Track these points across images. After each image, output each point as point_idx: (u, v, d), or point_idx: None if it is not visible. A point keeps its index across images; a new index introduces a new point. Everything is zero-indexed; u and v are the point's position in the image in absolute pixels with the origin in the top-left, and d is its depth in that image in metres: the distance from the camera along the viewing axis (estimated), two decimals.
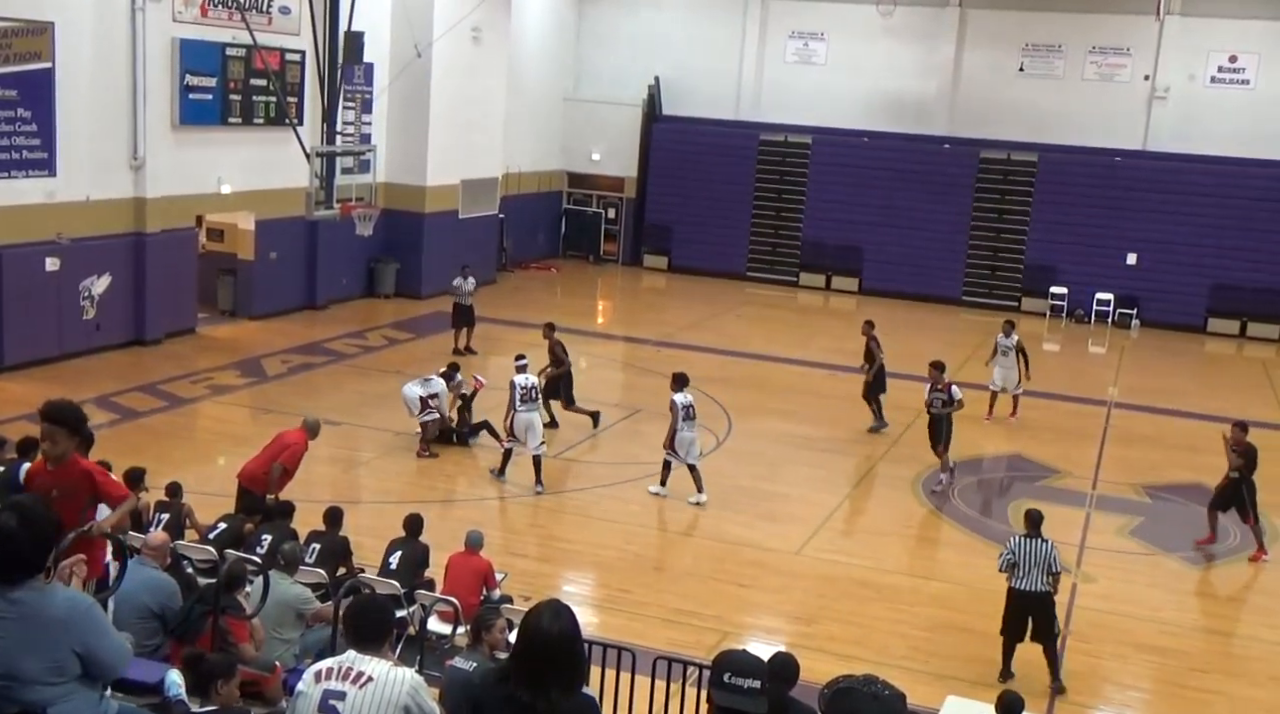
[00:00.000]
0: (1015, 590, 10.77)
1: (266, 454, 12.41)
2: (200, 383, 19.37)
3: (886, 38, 32.29)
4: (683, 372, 15.91)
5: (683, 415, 15.15)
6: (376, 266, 27.34)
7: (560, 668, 4.03)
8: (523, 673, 4.03)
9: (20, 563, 4.24)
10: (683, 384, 15.49)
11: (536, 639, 4.03)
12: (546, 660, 4.01)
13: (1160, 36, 30.35)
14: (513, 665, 4.12)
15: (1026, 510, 11.33)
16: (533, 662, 4.02)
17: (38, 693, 4.22)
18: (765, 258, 33.51)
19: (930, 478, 16.84)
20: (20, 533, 4.22)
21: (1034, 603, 10.70)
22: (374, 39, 23.92)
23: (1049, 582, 10.70)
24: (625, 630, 11.00)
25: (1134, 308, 30.20)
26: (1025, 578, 10.70)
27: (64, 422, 6.49)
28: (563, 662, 4.04)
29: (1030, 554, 10.73)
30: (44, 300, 19.22)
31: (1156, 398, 22.65)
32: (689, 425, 15.23)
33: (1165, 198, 30.00)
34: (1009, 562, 10.80)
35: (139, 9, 20.22)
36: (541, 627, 4.03)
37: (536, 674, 4.00)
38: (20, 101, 18.44)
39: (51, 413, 6.53)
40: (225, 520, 11.43)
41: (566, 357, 18.02)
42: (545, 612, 4.12)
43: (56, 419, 6.50)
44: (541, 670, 4.01)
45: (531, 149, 33.02)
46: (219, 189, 22.51)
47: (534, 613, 4.15)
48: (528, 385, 15.62)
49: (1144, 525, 15.58)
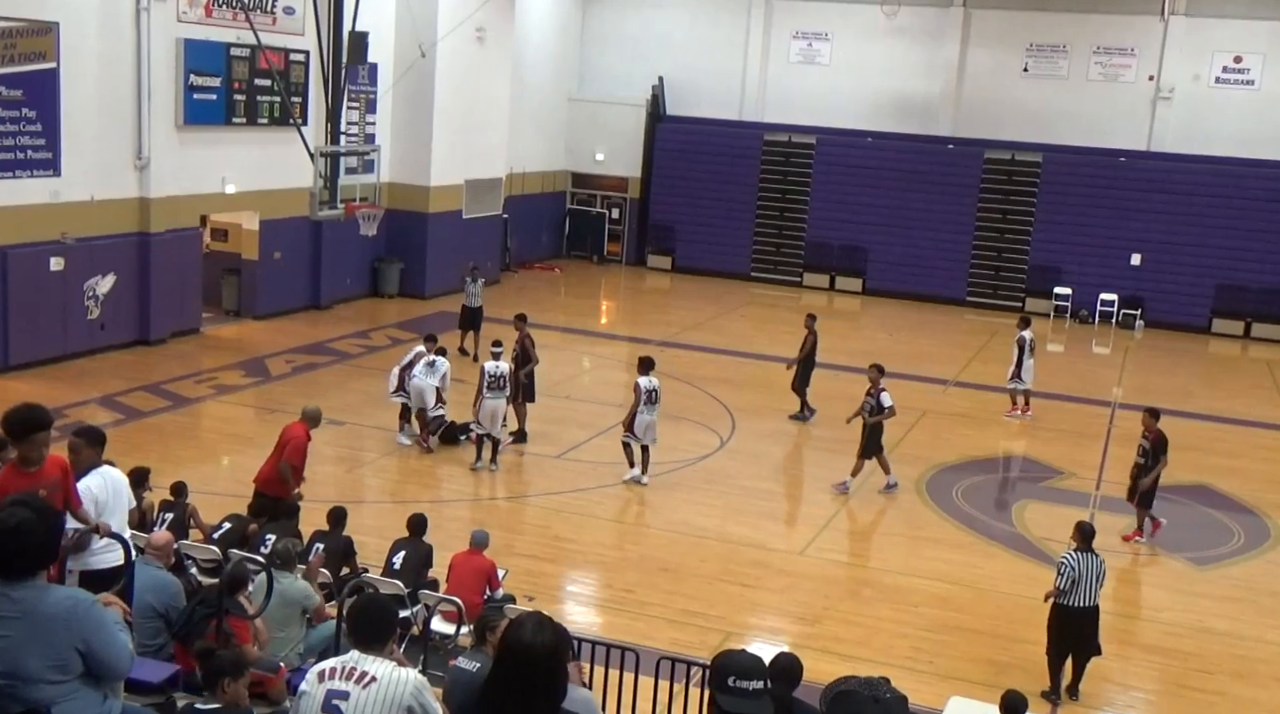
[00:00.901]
0: (1070, 608, 10.51)
1: (274, 454, 12.42)
2: (204, 382, 19.40)
3: (890, 38, 32.26)
4: (649, 356, 16.25)
5: (645, 399, 15.55)
6: (380, 266, 27.36)
7: (544, 681, 3.94)
8: (505, 687, 3.94)
9: (31, 557, 4.26)
10: (648, 368, 15.86)
11: (520, 652, 3.93)
12: (530, 674, 3.91)
13: (1165, 37, 30.31)
14: (495, 678, 4.01)
15: (1078, 523, 10.94)
16: (516, 675, 3.92)
17: (41, 691, 4.23)
18: (769, 258, 33.50)
19: (933, 480, 16.84)
20: (38, 526, 4.25)
21: (1090, 618, 10.54)
22: (378, 39, 23.97)
23: (1099, 595, 10.57)
24: (629, 630, 11.00)
25: (1138, 308, 30.16)
26: (1082, 594, 10.47)
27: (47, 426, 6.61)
28: (547, 675, 3.94)
29: (1087, 569, 10.49)
30: (49, 300, 19.24)
31: (1161, 398, 22.48)
32: (649, 409, 15.59)
33: (1170, 198, 29.97)
34: (1071, 580, 10.46)
35: (144, 9, 20.24)
36: (524, 639, 3.93)
37: (520, 688, 3.91)
38: (25, 101, 18.47)
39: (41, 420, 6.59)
40: (230, 520, 11.44)
41: (533, 351, 17.64)
42: (528, 624, 4.01)
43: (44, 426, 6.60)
44: (525, 684, 3.91)
45: (535, 149, 33.03)
46: (223, 189, 22.53)
47: (516, 625, 4.05)
48: (496, 373, 15.90)
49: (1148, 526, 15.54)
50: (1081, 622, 10.53)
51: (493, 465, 15.89)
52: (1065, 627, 10.61)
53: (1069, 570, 10.49)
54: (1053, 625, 10.71)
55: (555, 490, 15.51)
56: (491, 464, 15.89)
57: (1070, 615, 10.55)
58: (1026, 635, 11.63)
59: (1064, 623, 10.61)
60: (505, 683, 3.95)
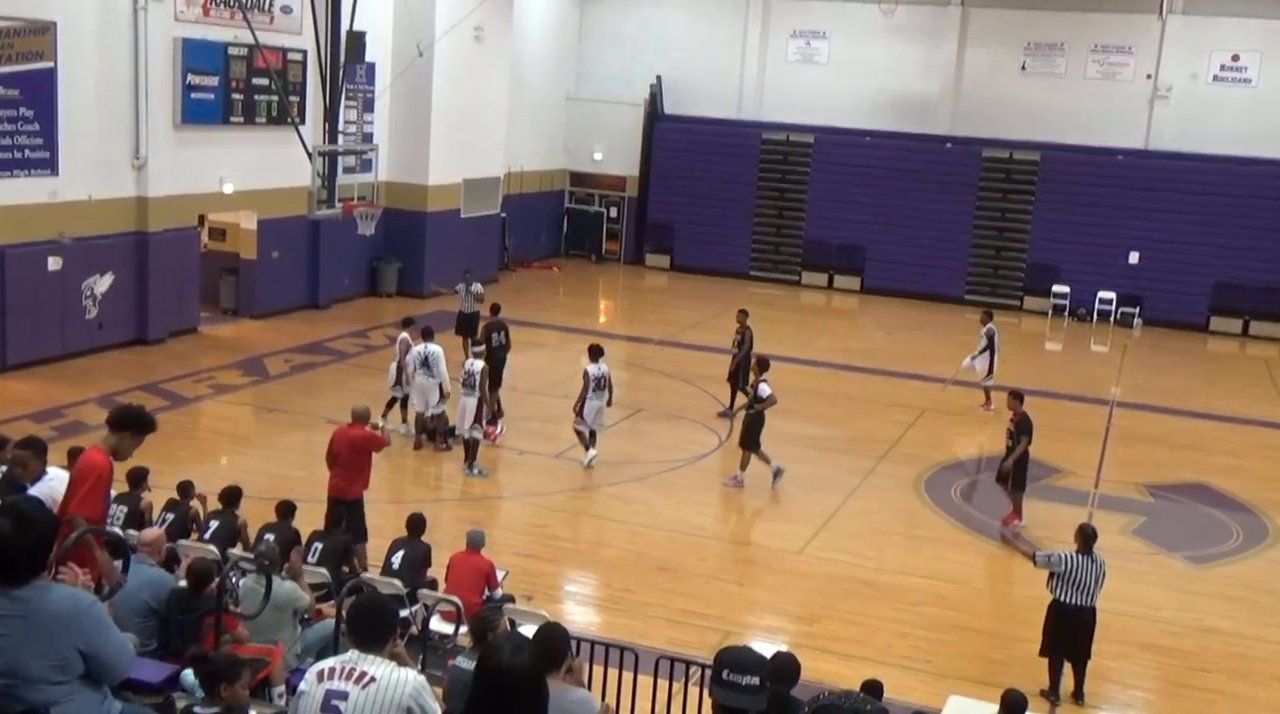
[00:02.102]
0: (1067, 606, 10.47)
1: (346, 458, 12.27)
2: (202, 382, 19.39)
3: (889, 36, 32.26)
4: (598, 344, 16.75)
5: (593, 386, 16.07)
6: (378, 265, 27.35)
7: (523, 702, 3.90)
8: (485, 708, 3.90)
9: (12, 565, 4.18)
10: (597, 356, 16.36)
11: (499, 675, 3.89)
12: (508, 696, 3.87)
13: (1163, 35, 30.33)
14: (475, 699, 3.95)
15: (1081, 526, 10.86)
16: (495, 697, 3.88)
17: (41, 692, 4.21)
18: (768, 257, 33.49)
19: (931, 478, 16.85)
20: (12, 537, 4.16)
21: (1086, 620, 10.51)
22: (376, 38, 23.95)
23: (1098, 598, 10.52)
24: (627, 630, 11.00)
25: (1136, 306, 30.17)
26: (1081, 595, 10.42)
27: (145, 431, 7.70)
28: (526, 697, 3.90)
29: (1087, 571, 10.43)
30: (47, 300, 19.22)
31: (1159, 397, 22.64)
32: (598, 395, 16.10)
33: (1168, 196, 29.97)
34: (1063, 569, 10.43)
35: (141, 8, 20.21)
36: (502, 663, 3.91)
37: (499, 710, 3.87)
38: (22, 101, 18.45)
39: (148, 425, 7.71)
40: (215, 517, 11.25)
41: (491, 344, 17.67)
42: (505, 647, 4.00)
43: None
44: (504, 706, 3.87)
45: (533, 148, 33.01)
46: (221, 188, 22.51)
47: (493, 649, 4.04)
48: (469, 370, 16.04)
49: (1147, 525, 15.56)
50: (1078, 622, 10.49)
51: (472, 469, 15.77)
52: (1061, 625, 10.57)
53: (1062, 562, 10.47)
54: (1049, 624, 10.69)
55: (553, 490, 15.51)
56: (470, 468, 15.80)
57: (1066, 614, 10.51)
58: (1025, 634, 11.63)
59: (1060, 621, 10.59)
60: (484, 705, 3.91)
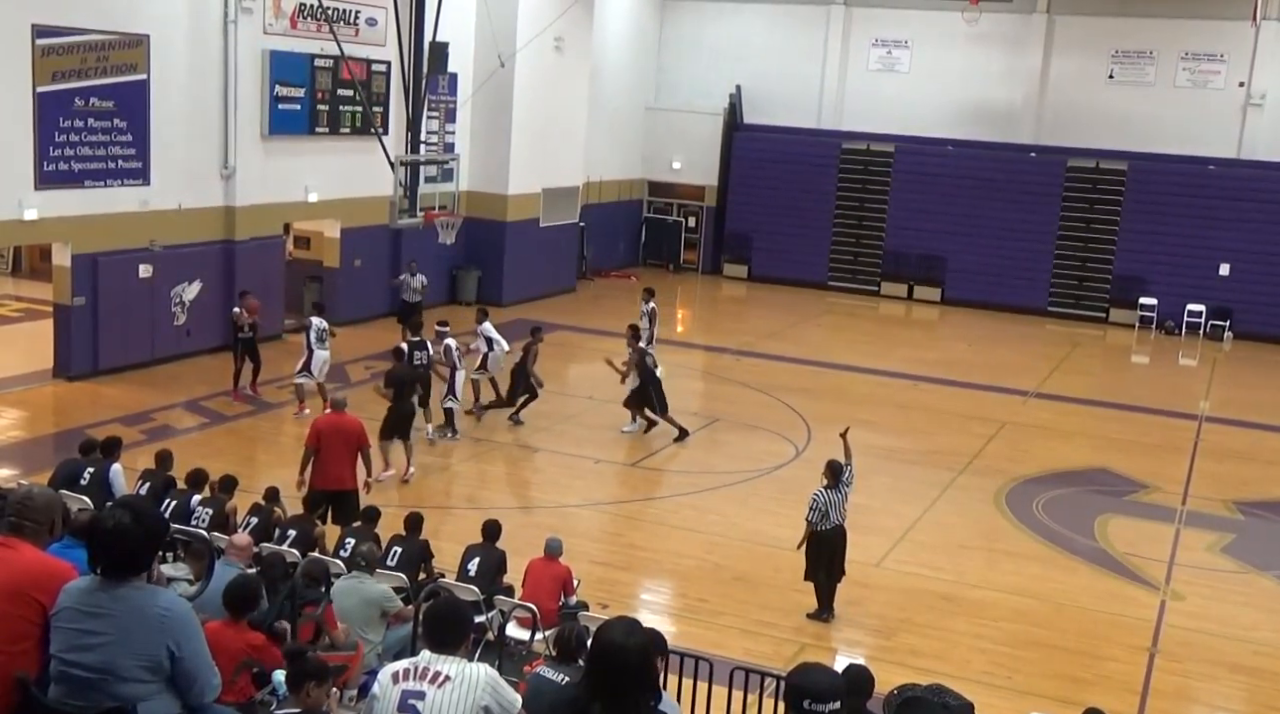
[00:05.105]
0: (822, 532, 11.96)
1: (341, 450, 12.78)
2: (286, 388, 19.67)
3: (971, 45, 31.89)
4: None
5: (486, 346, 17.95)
6: (459, 274, 27.62)
7: (639, 683, 4.00)
8: (601, 690, 3.99)
9: (128, 559, 4.35)
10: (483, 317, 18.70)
11: (614, 655, 3.99)
12: (624, 676, 3.97)
13: (1256, 42, 29.61)
14: (589, 683, 4.07)
15: (829, 462, 12.26)
16: (611, 678, 3.99)
17: (131, 689, 4.32)
18: (846, 267, 33.25)
19: (1013, 492, 16.60)
20: (135, 530, 4.34)
21: (839, 536, 12.07)
22: (458, 49, 24.22)
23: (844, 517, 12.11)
24: (703, 640, 10.96)
25: (1227, 319, 29.45)
26: (828, 521, 11.94)
27: None
28: (640, 676, 4.01)
29: (833, 504, 11.97)
30: (137, 306, 19.70)
31: (1250, 412, 22.05)
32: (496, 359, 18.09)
33: (1260, 207, 29.23)
34: (820, 514, 11.91)
35: (231, 21, 20.66)
36: (616, 641, 4.00)
37: (616, 690, 3.97)
38: (117, 112, 18.96)
39: None
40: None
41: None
42: (618, 627, 4.08)
43: None
44: (621, 686, 3.97)
45: (612, 157, 33.14)
46: (306, 197, 22.91)
47: (606, 629, 4.12)
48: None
49: (1236, 542, 15.16)
50: (833, 542, 12.01)
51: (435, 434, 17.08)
52: (820, 548, 12.01)
53: (820, 505, 11.91)
54: (810, 549, 12.05)
55: (629, 498, 15.53)
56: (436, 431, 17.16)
57: (822, 538, 11.99)
58: (1109, 652, 11.40)
59: (819, 548, 12.01)
60: (599, 685, 4.00)
